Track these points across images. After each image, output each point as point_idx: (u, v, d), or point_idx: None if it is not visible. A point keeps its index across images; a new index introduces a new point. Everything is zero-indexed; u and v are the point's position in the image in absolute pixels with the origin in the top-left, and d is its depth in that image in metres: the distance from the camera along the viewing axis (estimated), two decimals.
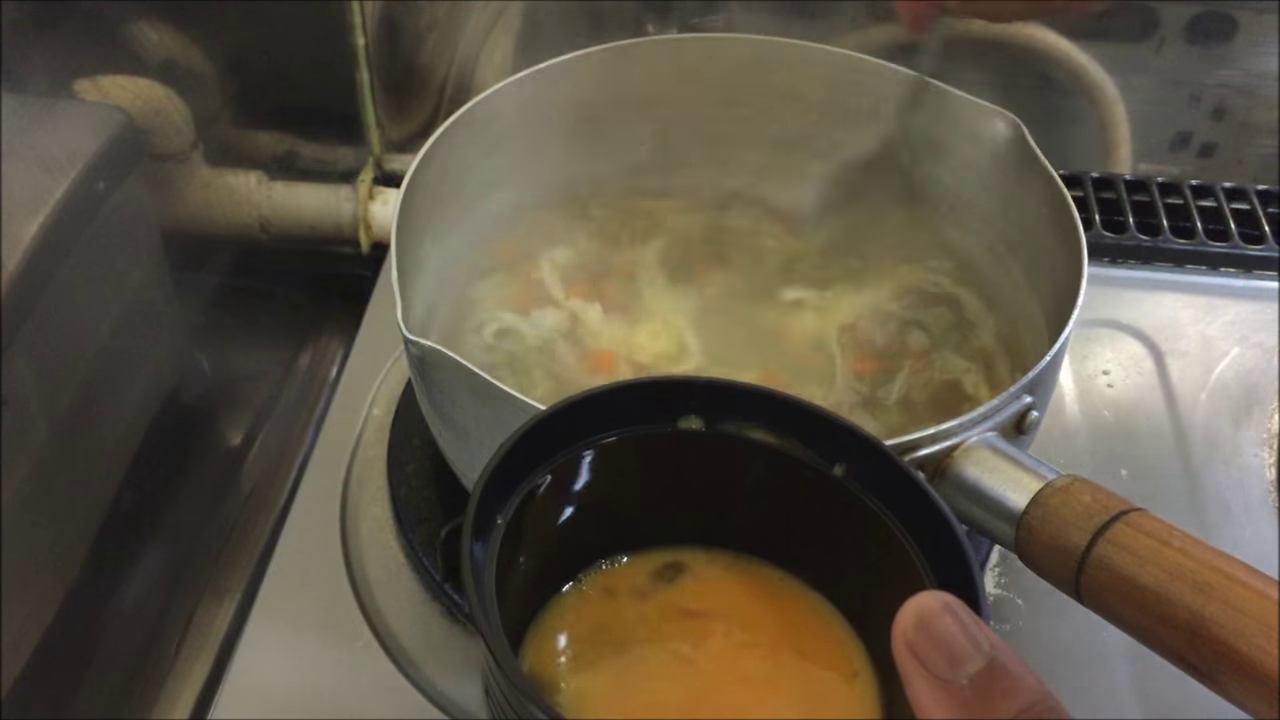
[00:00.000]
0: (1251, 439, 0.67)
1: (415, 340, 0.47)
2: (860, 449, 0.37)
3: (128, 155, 0.53)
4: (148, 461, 0.56)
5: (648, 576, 0.39)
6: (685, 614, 0.37)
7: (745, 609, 0.38)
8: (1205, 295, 0.76)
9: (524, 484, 0.36)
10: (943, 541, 0.34)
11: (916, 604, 0.28)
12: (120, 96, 0.53)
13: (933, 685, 0.27)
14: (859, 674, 0.36)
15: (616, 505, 0.38)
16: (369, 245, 0.80)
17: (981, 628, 0.28)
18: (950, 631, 0.27)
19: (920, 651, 0.27)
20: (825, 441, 0.37)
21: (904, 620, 0.28)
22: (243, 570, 0.63)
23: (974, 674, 0.27)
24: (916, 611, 0.28)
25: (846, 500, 0.37)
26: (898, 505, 0.36)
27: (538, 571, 0.37)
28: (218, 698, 0.54)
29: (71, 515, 0.51)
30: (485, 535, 0.34)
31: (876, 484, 0.37)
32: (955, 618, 0.28)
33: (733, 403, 0.38)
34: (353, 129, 0.80)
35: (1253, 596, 0.35)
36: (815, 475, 0.37)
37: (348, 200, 0.78)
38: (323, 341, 0.76)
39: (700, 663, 0.35)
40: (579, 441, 0.37)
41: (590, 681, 0.35)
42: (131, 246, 0.54)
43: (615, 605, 0.38)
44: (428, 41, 0.85)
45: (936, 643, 0.27)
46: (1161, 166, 0.87)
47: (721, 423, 0.38)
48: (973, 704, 0.27)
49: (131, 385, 0.55)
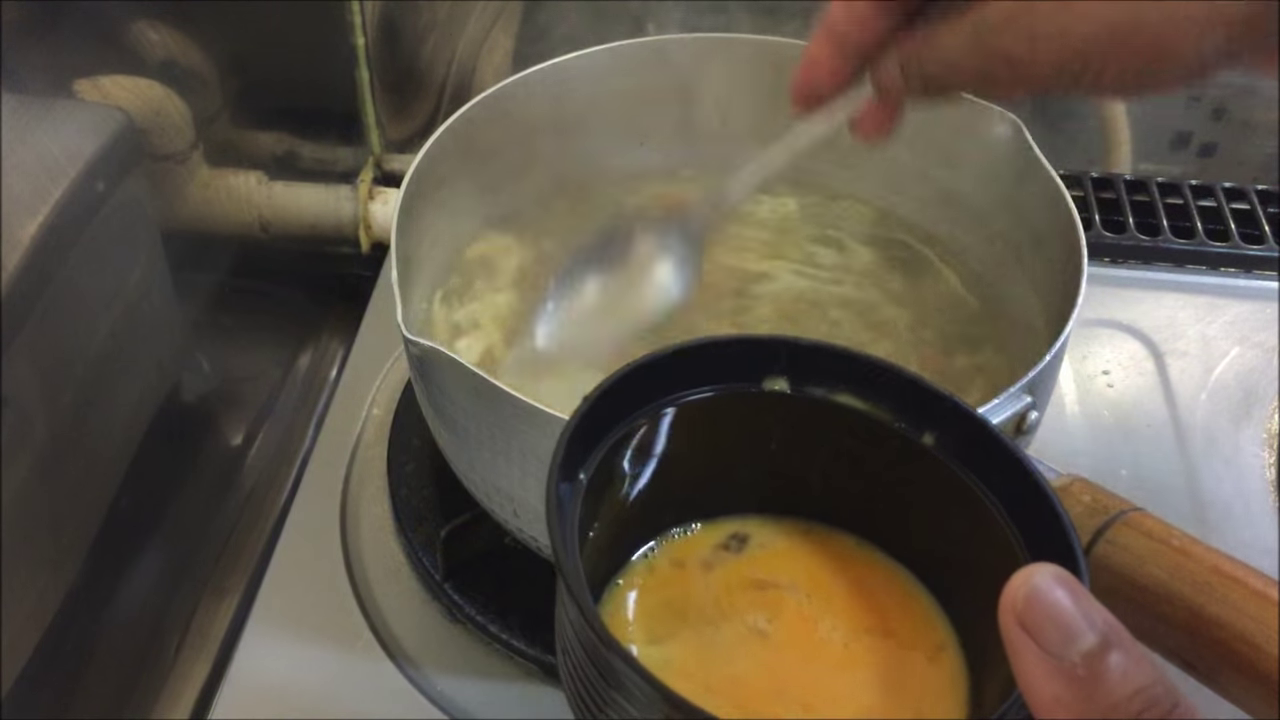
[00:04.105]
0: (1251, 439, 0.67)
1: (415, 340, 0.47)
2: (953, 417, 0.35)
3: (128, 155, 0.53)
4: (148, 461, 0.56)
5: (712, 547, 0.37)
6: (756, 584, 0.36)
7: (819, 579, 0.36)
8: (1205, 295, 0.76)
9: (606, 439, 0.34)
10: (1040, 515, 0.33)
11: (1028, 576, 0.27)
12: (120, 96, 0.53)
13: (1044, 662, 0.26)
14: (944, 649, 0.34)
15: (689, 470, 0.37)
16: (369, 245, 0.80)
17: (1095, 605, 0.26)
18: (1064, 606, 0.26)
19: (1031, 625, 0.26)
20: (915, 409, 0.36)
21: (1014, 592, 0.27)
22: (243, 570, 0.63)
23: (1087, 651, 0.26)
24: (1028, 584, 0.27)
25: (936, 470, 0.35)
26: (990, 477, 0.34)
27: (609, 541, 0.36)
28: (218, 698, 0.54)
29: (71, 515, 0.51)
30: (570, 479, 0.32)
31: (968, 454, 0.35)
32: (1069, 592, 0.26)
33: (821, 365, 0.36)
34: (353, 129, 0.80)
35: (1253, 596, 0.35)
36: (903, 443, 0.36)
37: (348, 200, 0.78)
38: (323, 341, 0.76)
39: (775, 636, 0.34)
40: (662, 397, 0.35)
41: (665, 653, 0.34)
42: (131, 246, 0.54)
43: (684, 577, 0.37)
44: (428, 41, 0.85)
45: (1049, 617, 0.26)
46: (1161, 166, 0.87)
47: (808, 385, 0.36)
48: (1086, 683, 0.25)
49: (131, 385, 0.55)
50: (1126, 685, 0.25)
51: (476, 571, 0.58)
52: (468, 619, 0.56)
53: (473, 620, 0.56)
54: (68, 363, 0.49)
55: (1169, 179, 0.83)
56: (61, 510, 0.50)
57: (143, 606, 0.57)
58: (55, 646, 0.49)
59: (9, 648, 0.46)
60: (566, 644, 0.31)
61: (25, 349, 0.45)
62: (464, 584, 0.57)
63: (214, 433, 0.65)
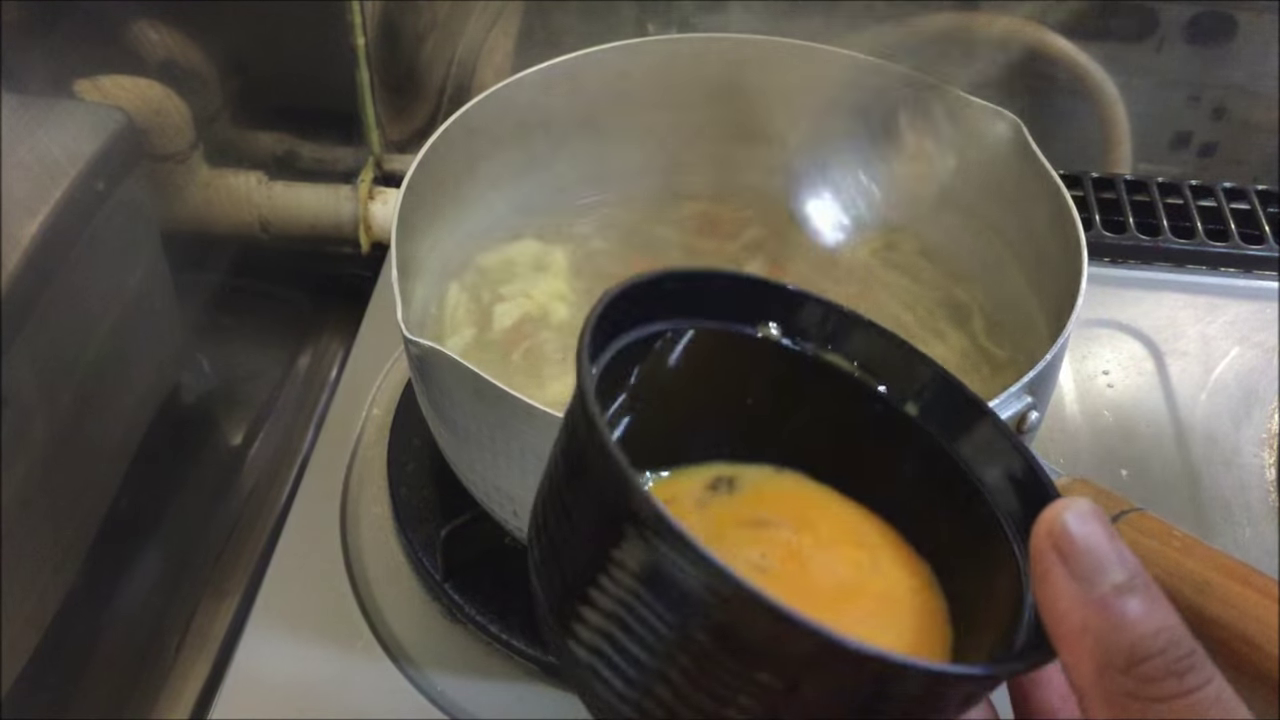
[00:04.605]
0: (1251, 439, 0.67)
1: (415, 340, 0.47)
2: (938, 387, 0.35)
3: (128, 155, 0.53)
4: (148, 461, 0.56)
5: (703, 488, 0.37)
6: (752, 523, 0.36)
7: (808, 519, 0.36)
8: (1205, 295, 0.76)
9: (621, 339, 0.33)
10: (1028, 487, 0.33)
11: (1067, 504, 0.27)
12: (120, 96, 0.53)
13: (1073, 589, 0.26)
14: (931, 587, 0.34)
15: (679, 407, 0.36)
16: (369, 245, 0.80)
17: (1124, 545, 0.27)
18: (1100, 536, 0.27)
19: (1066, 550, 0.27)
20: (901, 376, 0.36)
21: (1052, 516, 0.27)
22: (243, 570, 0.63)
23: (1118, 584, 0.26)
24: (1067, 510, 0.27)
25: (919, 439, 0.35)
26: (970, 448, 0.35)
27: None
28: (218, 698, 0.54)
29: (71, 515, 0.51)
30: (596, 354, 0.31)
31: (951, 425, 0.35)
32: (1104, 526, 0.27)
33: (816, 318, 0.36)
34: (353, 129, 0.80)
35: (1253, 596, 0.35)
36: (886, 410, 0.36)
37: (348, 200, 0.78)
38: (323, 341, 0.76)
39: (773, 571, 0.34)
40: (668, 318, 0.35)
41: None
42: (131, 246, 0.54)
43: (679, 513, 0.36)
44: (428, 41, 0.85)
45: (1086, 545, 0.26)
46: (1161, 166, 0.87)
47: (799, 338, 0.36)
48: (1108, 613, 0.26)
49: (131, 385, 0.55)
50: (1152, 622, 0.26)
51: (476, 571, 0.58)
52: (468, 619, 0.56)
53: (473, 620, 0.56)
54: (68, 363, 0.49)
55: (1169, 179, 0.83)
56: (61, 510, 0.50)
57: (143, 606, 0.57)
58: (55, 646, 0.49)
59: (9, 648, 0.46)
60: (572, 427, 0.30)
61: (25, 349, 0.45)
62: (464, 584, 0.57)
63: (214, 433, 0.65)
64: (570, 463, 0.30)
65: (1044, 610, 0.27)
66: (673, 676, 0.27)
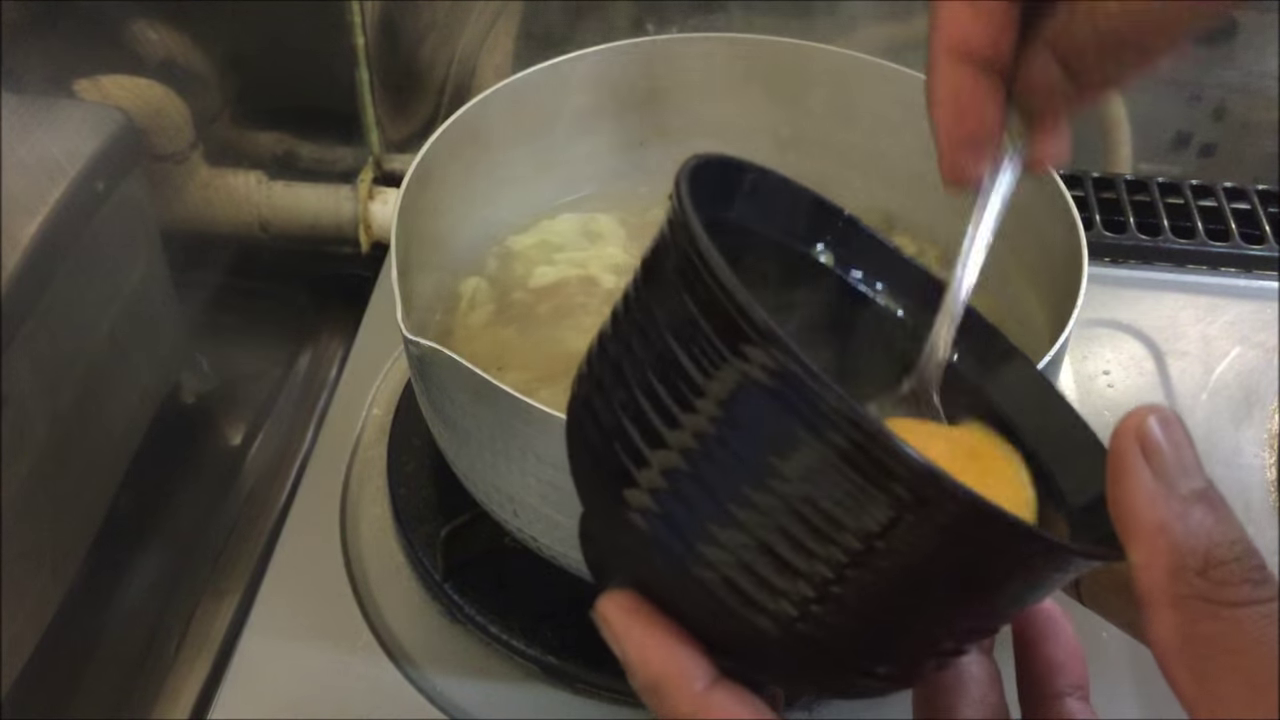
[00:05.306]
0: (1251, 439, 0.67)
1: (415, 340, 0.47)
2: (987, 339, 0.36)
3: (127, 155, 0.53)
4: (148, 461, 0.56)
5: None
6: None
7: None
8: (1205, 295, 0.76)
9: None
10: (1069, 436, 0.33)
11: (1152, 407, 0.27)
12: (120, 96, 0.53)
13: (1151, 484, 0.26)
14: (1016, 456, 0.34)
15: None
16: (369, 245, 0.80)
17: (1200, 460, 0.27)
18: (1185, 441, 0.27)
19: (1151, 449, 0.27)
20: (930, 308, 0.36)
21: (1139, 416, 0.27)
22: (243, 570, 0.63)
23: (1196, 489, 0.26)
24: (1155, 413, 0.27)
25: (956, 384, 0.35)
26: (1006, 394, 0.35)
27: None
28: (218, 698, 0.54)
29: (71, 515, 0.51)
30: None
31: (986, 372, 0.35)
32: (1187, 433, 0.27)
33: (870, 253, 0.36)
34: (353, 129, 0.80)
35: None
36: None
37: (348, 200, 0.78)
38: (323, 341, 0.76)
39: None
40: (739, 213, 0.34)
41: None
42: (131, 246, 0.54)
43: None
44: (427, 41, 0.85)
45: (1172, 447, 0.27)
46: (1161, 166, 0.87)
47: (850, 268, 0.36)
48: (1185, 517, 0.26)
49: (131, 385, 0.55)
50: (1228, 531, 0.26)
51: (476, 571, 0.58)
52: (468, 619, 0.56)
53: (473, 620, 0.56)
54: (68, 363, 0.49)
55: (1169, 179, 0.83)
56: (61, 510, 0.50)
57: (143, 606, 0.57)
58: (55, 646, 0.49)
59: (9, 648, 0.46)
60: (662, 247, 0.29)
61: (25, 349, 0.45)
62: (464, 584, 0.57)
63: (214, 433, 0.65)
64: (662, 289, 0.28)
65: (1119, 508, 0.27)
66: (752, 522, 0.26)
